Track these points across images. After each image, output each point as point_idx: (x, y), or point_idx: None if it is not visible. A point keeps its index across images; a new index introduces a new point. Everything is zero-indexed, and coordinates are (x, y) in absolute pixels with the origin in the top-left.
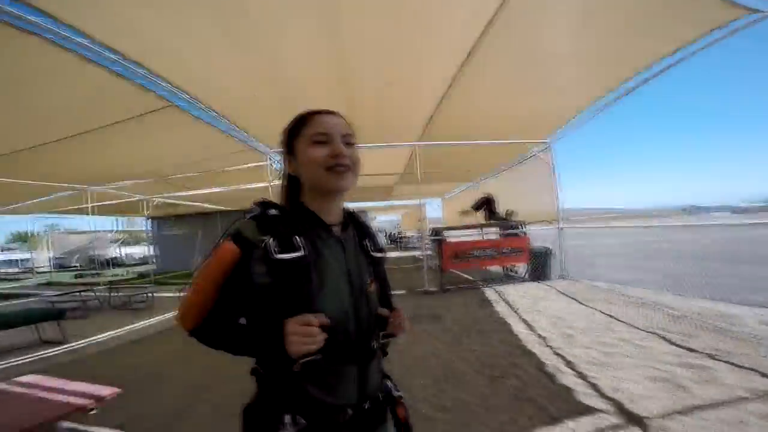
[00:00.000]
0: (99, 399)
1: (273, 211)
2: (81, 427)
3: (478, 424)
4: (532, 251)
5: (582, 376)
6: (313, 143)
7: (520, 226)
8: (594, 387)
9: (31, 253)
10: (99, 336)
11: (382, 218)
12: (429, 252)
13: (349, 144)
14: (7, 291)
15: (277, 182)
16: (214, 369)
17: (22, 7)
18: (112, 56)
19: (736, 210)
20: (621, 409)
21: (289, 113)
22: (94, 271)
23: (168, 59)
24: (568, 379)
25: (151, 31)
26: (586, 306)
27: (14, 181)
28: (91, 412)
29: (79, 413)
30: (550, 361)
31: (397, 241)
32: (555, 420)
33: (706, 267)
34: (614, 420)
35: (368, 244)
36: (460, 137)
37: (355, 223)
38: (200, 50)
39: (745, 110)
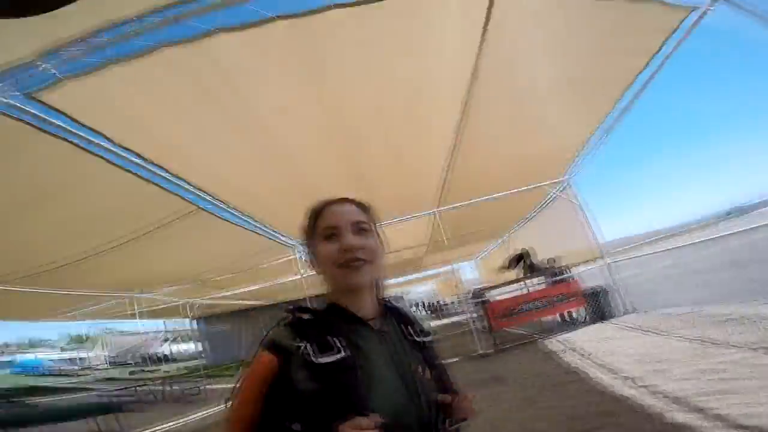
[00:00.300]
0: None
1: (306, 316)
2: None
3: None
4: (585, 293)
5: (698, 409)
6: (324, 239)
7: (564, 272)
8: (718, 418)
9: (88, 352)
10: (155, 427)
11: (418, 289)
12: (474, 314)
13: (363, 231)
14: (69, 386)
15: (309, 273)
16: None
17: (39, 107)
18: (135, 159)
19: None
20: None
21: (307, 202)
22: (147, 368)
23: (185, 160)
24: (681, 416)
25: (163, 129)
26: (666, 336)
27: (64, 293)
28: None
29: None
30: (651, 401)
31: (437, 310)
32: None
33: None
34: None
35: (411, 331)
36: (478, 194)
37: (393, 312)
38: (214, 150)
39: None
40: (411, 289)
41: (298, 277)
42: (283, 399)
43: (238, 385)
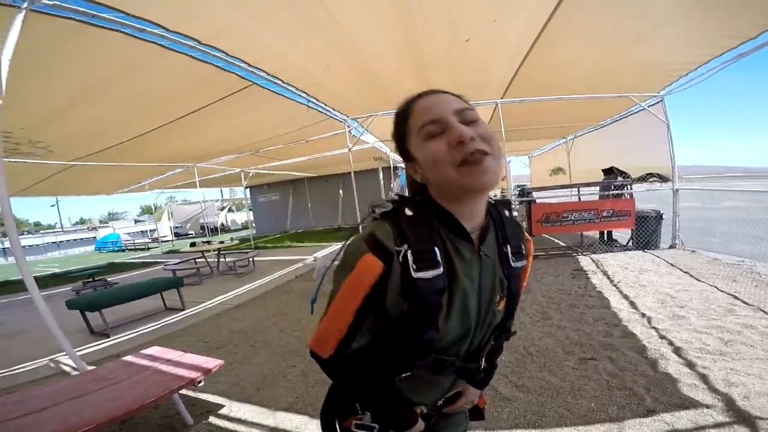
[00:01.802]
0: (206, 371)
1: (408, 211)
2: (191, 394)
3: (560, 408)
4: (639, 215)
5: (690, 364)
6: (427, 138)
7: (626, 187)
8: (703, 378)
9: (156, 224)
10: (210, 302)
11: None
12: (516, 213)
13: (472, 121)
14: (142, 260)
15: (357, 147)
16: (303, 332)
17: (89, 5)
18: (189, 42)
19: None
20: (731, 406)
21: (362, 78)
22: (204, 239)
23: (239, 39)
24: (672, 367)
25: (216, 13)
26: (703, 282)
27: (134, 165)
28: (200, 384)
29: (190, 385)
30: (654, 345)
31: None
32: (650, 412)
33: None
34: (720, 418)
35: (510, 251)
36: (550, 92)
37: (497, 222)
38: (267, 26)
39: None
40: None
41: (345, 150)
42: (371, 312)
43: (336, 289)
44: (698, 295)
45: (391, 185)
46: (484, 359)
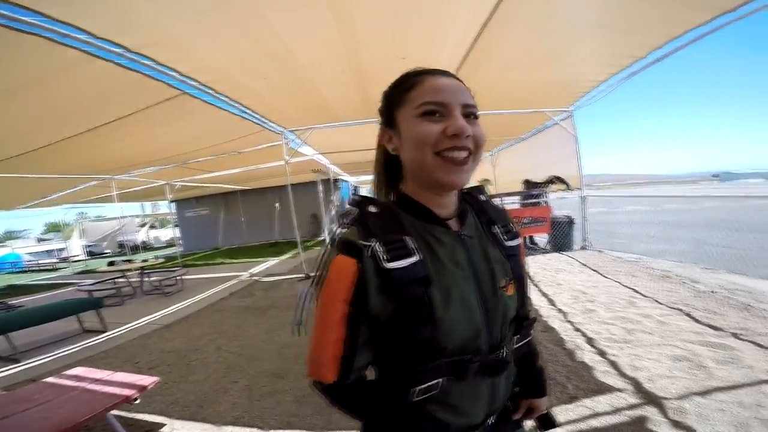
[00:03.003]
0: (142, 388)
1: (372, 209)
2: (127, 414)
3: None
4: (554, 220)
5: (602, 353)
6: (422, 115)
7: (542, 195)
8: (613, 365)
9: (66, 242)
10: (135, 323)
11: None
12: None
13: (471, 117)
14: (49, 282)
15: (295, 160)
16: (244, 349)
17: (12, 8)
18: (117, 49)
19: None
20: (639, 388)
21: (301, 91)
22: (124, 257)
23: (172, 49)
24: (587, 356)
25: (150, 22)
26: (609, 279)
27: (41, 176)
28: (136, 402)
29: (125, 403)
30: (570, 337)
31: None
32: (572, 399)
33: (736, 239)
34: (632, 400)
35: (499, 232)
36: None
37: (475, 206)
38: (203, 37)
39: None
40: None
41: (281, 162)
42: (363, 318)
43: (317, 304)
44: (605, 291)
45: (331, 198)
46: (510, 351)
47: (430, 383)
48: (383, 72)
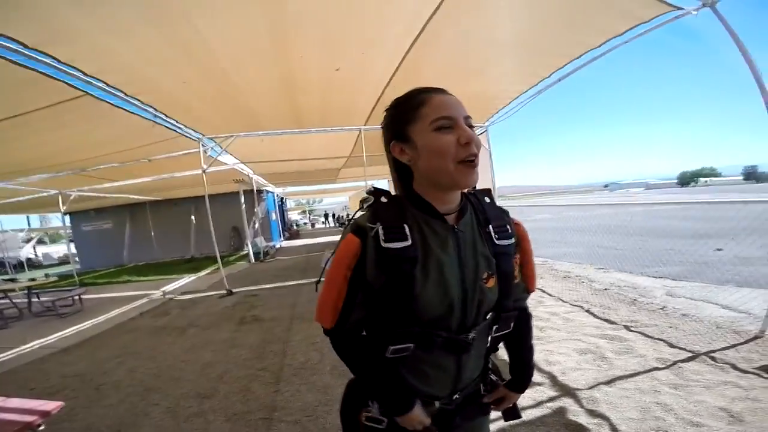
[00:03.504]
0: (44, 414)
1: (384, 199)
2: None
3: None
4: None
5: None
6: (437, 129)
7: None
8: None
9: None
10: (25, 346)
11: (330, 200)
12: None
13: (472, 128)
14: None
15: (213, 169)
16: (162, 370)
17: None
18: (11, 45)
19: (649, 186)
20: (555, 381)
21: (223, 97)
22: (6, 276)
23: (78, 47)
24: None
25: (54, 16)
26: None
27: None
28: (40, 428)
29: (26, 430)
30: None
31: (344, 223)
32: None
33: (623, 241)
34: (551, 392)
35: (492, 231)
36: None
37: (476, 207)
38: (115, 35)
39: (660, 100)
40: (325, 199)
41: (198, 171)
42: (360, 284)
43: (325, 267)
44: None
45: (255, 210)
46: (480, 336)
47: (402, 345)
48: (316, 81)
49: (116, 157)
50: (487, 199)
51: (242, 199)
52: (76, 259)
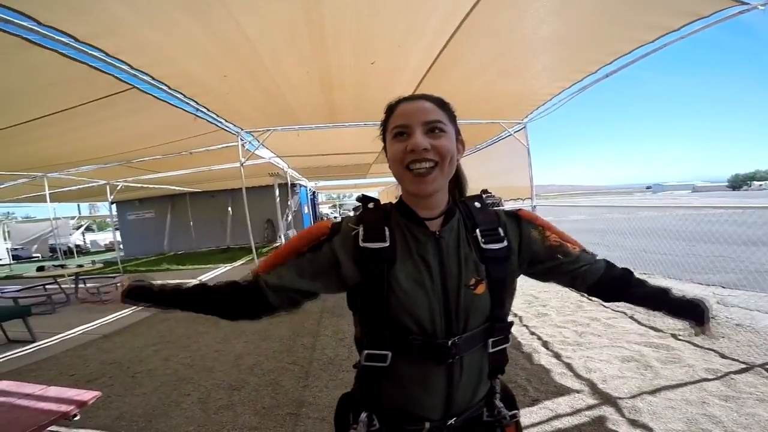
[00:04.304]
0: (81, 404)
1: (370, 205)
2: (66, 430)
3: None
4: None
5: (557, 356)
6: (394, 137)
7: (498, 205)
8: (569, 367)
9: None
10: (69, 332)
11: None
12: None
13: (436, 131)
14: None
15: (250, 162)
16: (195, 360)
17: None
18: (63, 38)
19: (697, 188)
20: (595, 389)
21: (262, 91)
22: (57, 262)
23: (125, 40)
24: (544, 359)
25: (103, 10)
26: (557, 285)
27: None
28: (75, 418)
29: (63, 420)
30: (527, 341)
31: None
32: (535, 401)
33: (669, 245)
34: (590, 401)
35: (479, 236)
36: None
37: (464, 212)
38: (160, 29)
39: (711, 99)
40: (355, 194)
41: (236, 165)
42: (311, 261)
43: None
44: (555, 295)
45: (288, 203)
46: (468, 346)
47: (377, 351)
48: (351, 76)
49: (159, 149)
50: (477, 204)
51: (277, 192)
52: (121, 246)
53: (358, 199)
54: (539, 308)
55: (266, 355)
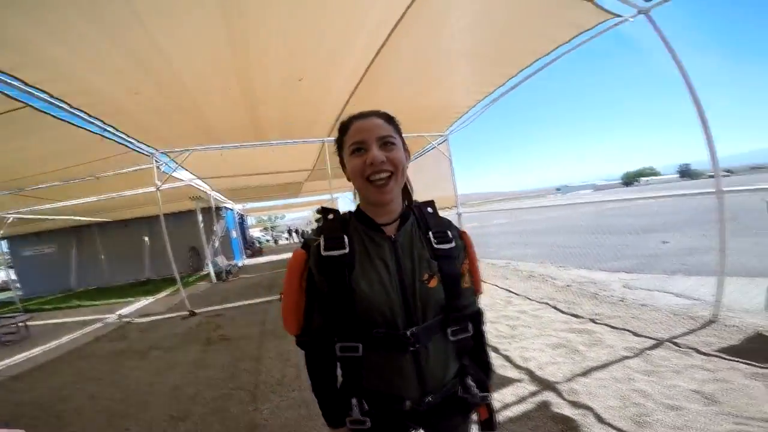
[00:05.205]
0: None
1: (330, 216)
2: None
3: None
4: None
5: (495, 349)
6: (352, 153)
7: None
8: (507, 359)
9: None
10: None
11: (292, 215)
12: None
13: (388, 144)
14: None
15: (167, 186)
16: (128, 395)
17: None
18: None
19: (597, 187)
20: (533, 376)
21: (178, 109)
22: None
23: (19, 54)
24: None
25: None
26: (487, 282)
27: None
28: None
29: None
30: None
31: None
32: None
33: (578, 239)
34: (531, 387)
35: (432, 237)
36: None
37: (418, 217)
38: (59, 41)
39: (602, 104)
40: (287, 214)
41: (152, 189)
42: (313, 290)
43: (283, 280)
44: (486, 293)
45: (213, 228)
46: (426, 334)
47: (348, 343)
48: (278, 91)
49: (59, 174)
50: (430, 210)
51: (200, 218)
52: (17, 285)
53: (318, 211)
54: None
55: (207, 383)
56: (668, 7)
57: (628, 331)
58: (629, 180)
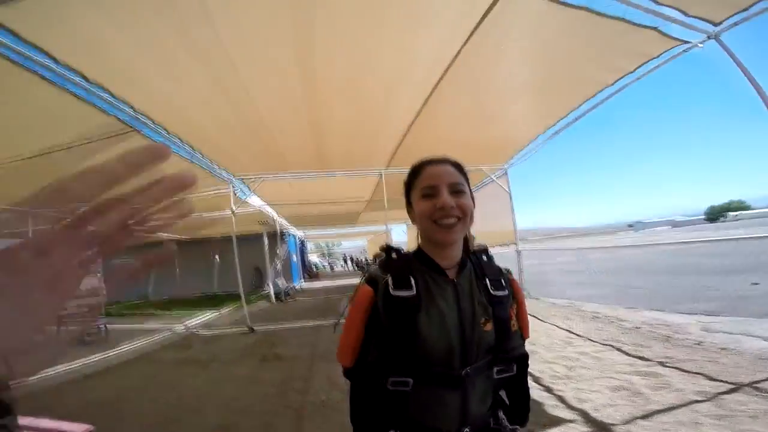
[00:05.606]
0: None
1: (394, 255)
2: None
3: None
4: None
5: (548, 389)
6: (423, 196)
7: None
8: (561, 399)
9: None
10: (48, 370)
11: (348, 244)
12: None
13: (459, 192)
14: None
15: (240, 210)
16: (183, 401)
17: None
18: (74, 78)
19: (676, 224)
20: (587, 418)
21: (253, 136)
22: None
23: (131, 82)
24: (536, 393)
25: (113, 50)
26: (546, 323)
27: None
28: None
29: None
30: None
31: (363, 266)
32: None
33: (652, 280)
34: (583, 429)
35: (488, 283)
36: None
37: (477, 264)
38: (164, 73)
39: (679, 132)
40: (343, 242)
41: (228, 213)
42: (374, 328)
43: (344, 314)
44: (544, 333)
45: (277, 251)
46: (478, 374)
47: (401, 378)
48: (341, 125)
49: None
50: (485, 257)
51: (265, 241)
52: (102, 291)
53: (382, 249)
54: (528, 346)
55: (257, 398)
56: (743, 28)
57: (702, 375)
58: (714, 215)
